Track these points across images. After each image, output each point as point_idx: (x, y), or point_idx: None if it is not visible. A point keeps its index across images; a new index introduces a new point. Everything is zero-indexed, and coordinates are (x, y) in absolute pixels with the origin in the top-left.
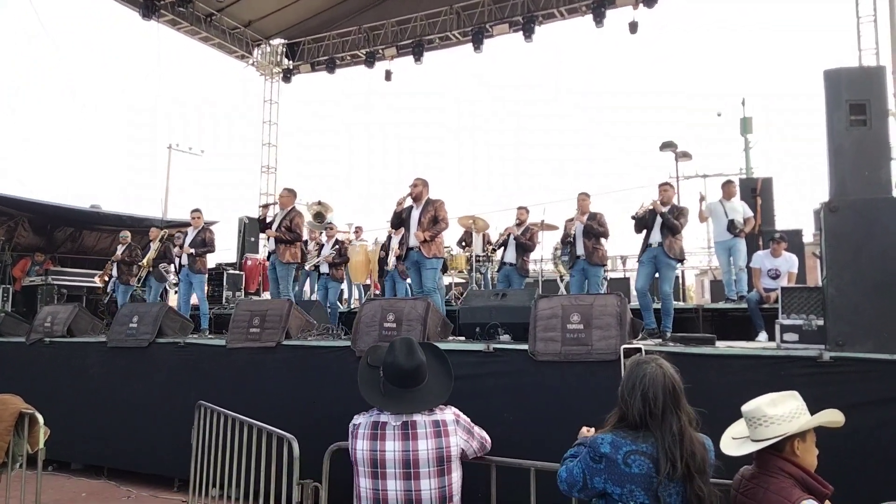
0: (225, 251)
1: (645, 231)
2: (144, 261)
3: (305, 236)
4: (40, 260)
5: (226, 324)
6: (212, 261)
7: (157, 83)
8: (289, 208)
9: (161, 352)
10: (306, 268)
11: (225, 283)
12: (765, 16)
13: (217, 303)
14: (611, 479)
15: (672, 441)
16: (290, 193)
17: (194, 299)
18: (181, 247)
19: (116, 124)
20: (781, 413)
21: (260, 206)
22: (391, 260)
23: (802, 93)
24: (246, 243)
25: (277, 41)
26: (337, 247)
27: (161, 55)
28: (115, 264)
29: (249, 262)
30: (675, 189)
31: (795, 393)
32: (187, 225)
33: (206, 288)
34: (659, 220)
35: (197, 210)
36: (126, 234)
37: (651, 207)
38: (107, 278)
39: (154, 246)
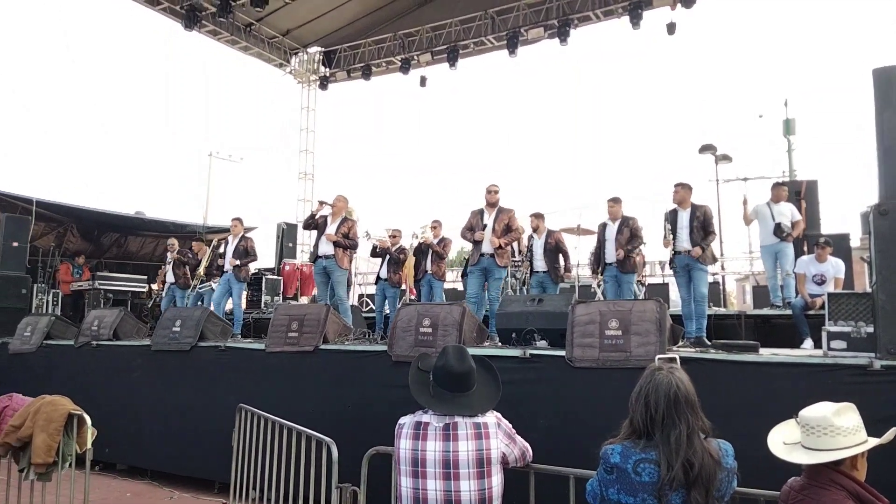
0: (263, 256)
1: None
2: (200, 269)
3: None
4: (80, 263)
5: (265, 328)
6: (251, 266)
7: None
8: (342, 216)
9: (203, 355)
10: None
11: (263, 288)
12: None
13: (256, 307)
14: (623, 489)
15: (669, 448)
16: (345, 201)
17: (228, 304)
18: (222, 256)
19: (160, 134)
20: (847, 425)
21: (319, 201)
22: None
23: (848, 93)
24: (284, 248)
25: (314, 49)
26: (401, 248)
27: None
28: (171, 270)
29: (287, 268)
30: (689, 189)
31: (853, 405)
32: (228, 231)
33: (244, 295)
34: (685, 224)
35: (237, 219)
36: (173, 242)
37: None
38: (162, 283)
39: (206, 255)
